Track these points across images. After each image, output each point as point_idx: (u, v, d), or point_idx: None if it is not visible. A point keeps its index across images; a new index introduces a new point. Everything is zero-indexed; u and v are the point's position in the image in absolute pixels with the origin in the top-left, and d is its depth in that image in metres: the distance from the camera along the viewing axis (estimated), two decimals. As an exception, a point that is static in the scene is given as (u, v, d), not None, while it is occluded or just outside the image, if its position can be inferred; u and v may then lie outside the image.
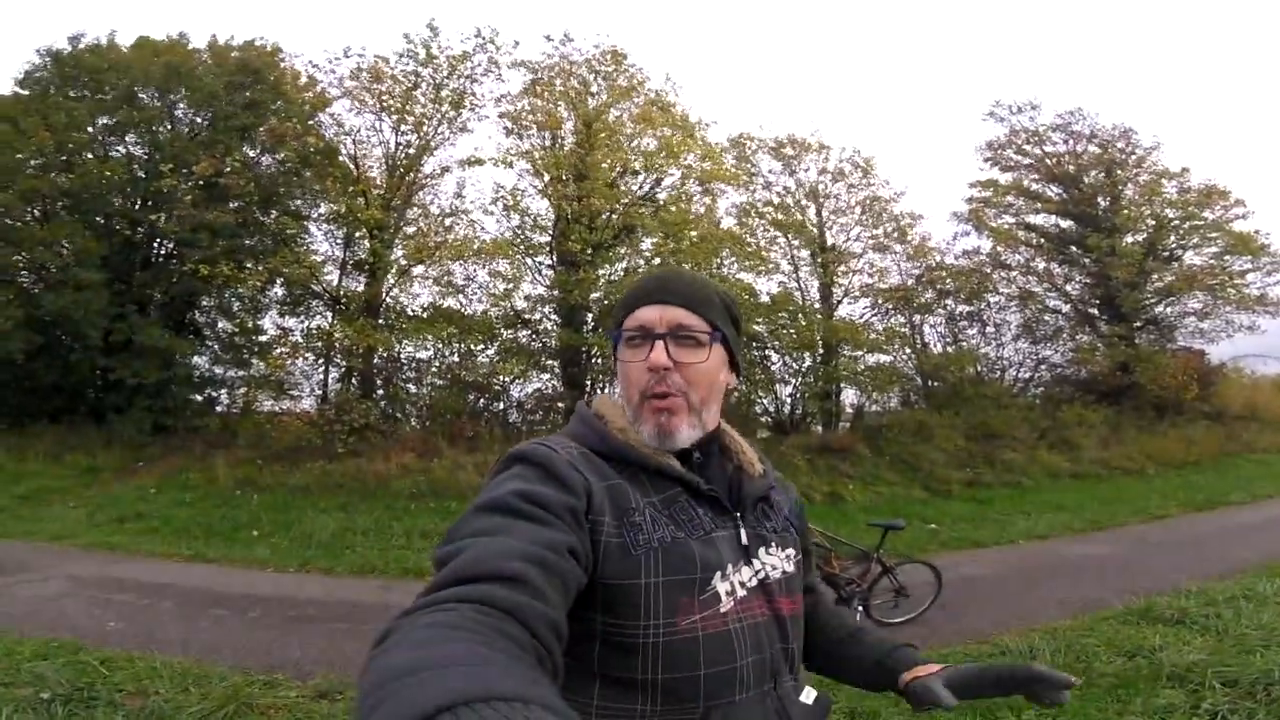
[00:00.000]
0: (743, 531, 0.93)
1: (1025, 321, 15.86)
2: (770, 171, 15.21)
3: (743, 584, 0.89)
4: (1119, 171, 15.69)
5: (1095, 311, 16.01)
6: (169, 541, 7.85)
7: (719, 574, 0.86)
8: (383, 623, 0.58)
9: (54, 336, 11.79)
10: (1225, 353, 16.65)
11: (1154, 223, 15.40)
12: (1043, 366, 16.26)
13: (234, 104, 13.19)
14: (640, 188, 13.85)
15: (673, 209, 13.22)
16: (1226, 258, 15.01)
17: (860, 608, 4.87)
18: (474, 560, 0.65)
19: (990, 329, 15.92)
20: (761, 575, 0.92)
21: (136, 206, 13.06)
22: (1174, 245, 15.52)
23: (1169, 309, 15.59)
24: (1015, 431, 12.94)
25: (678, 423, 0.92)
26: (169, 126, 13.48)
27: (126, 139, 13.46)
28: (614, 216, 12.81)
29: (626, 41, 36.19)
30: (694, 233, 12.83)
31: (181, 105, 13.59)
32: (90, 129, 12.97)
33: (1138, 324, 15.36)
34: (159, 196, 12.35)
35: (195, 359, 13.47)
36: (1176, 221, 15.36)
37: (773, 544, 0.96)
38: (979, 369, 15.67)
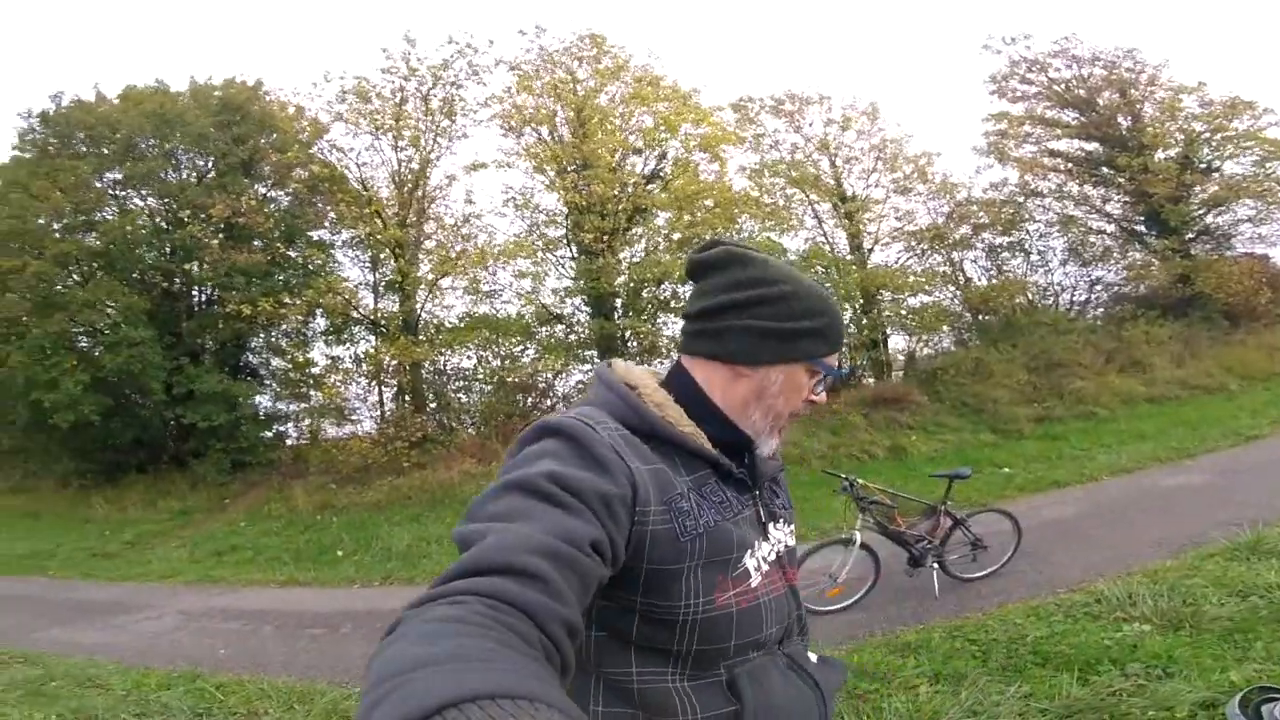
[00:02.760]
0: (760, 509, 0.96)
1: (1070, 244, 15.17)
2: (775, 130, 14.96)
3: (765, 559, 0.93)
4: (1132, 91, 14.93)
5: (1142, 229, 15.26)
6: (263, 569, 8.26)
7: (748, 552, 0.90)
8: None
9: (122, 395, 12.37)
10: None
11: (1183, 137, 14.57)
12: (1098, 287, 15.59)
13: (227, 142, 13.39)
14: (645, 166, 13.74)
15: (679, 181, 13.07)
16: (1268, 164, 14.10)
17: (936, 565, 4.59)
18: (490, 550, 0.63)
19: (1034, 256, 15.32)
20: (778, 549, 0.97)
21: (167, 257, 13.53)
22: (1209, 157, 14.66)
23: (1220, 219, 14.74)
24: (1080, 358, 12.26)
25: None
26: (175, 174, 13.80)
27: (140, 191, 13.81)
28: (622, 201, 12.72)
29: (605, 22, 35.72)
30: (708, 200, 12.64)
31: (179, 151, 13.85)
32: (98, 184, 13.34)
33: (1190, 236, 14.55)
34: (185, 244, 12.80)
35: (257, 398, 14.03)
36: (1207, 134, 14.48)
37: (780, 519, 1.01)
38: (1030, 297, 15.07)
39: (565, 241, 13.53)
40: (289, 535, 9.56)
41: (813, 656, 1.01)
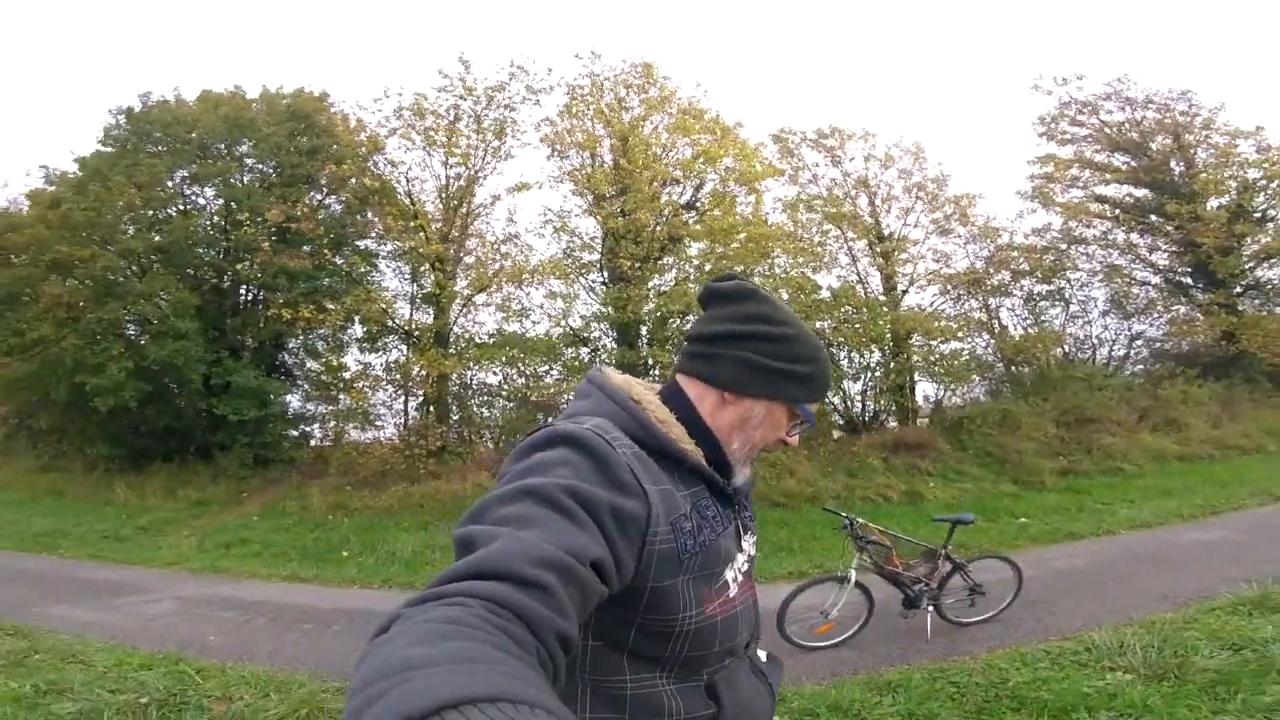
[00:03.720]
0: (739, 523, 1.01)
1: (1113, 295, 14.69)
2: (815, 164, 14.90)
3: (740, 570, 0.98)
4: (1186, 135, 14.49)
5: (1189, 280, 14.73)
6: (269, 564, 8.39)
7: (729, 565, 0.95)
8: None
9: (161, 384, 12.78)
10: None
11: (1236, 184, 14.10)
12: (1138, 342, 15.08)
13: (297, 152, 13.96)
14: (682, 196, 13.88)
15: (716, 212, 13.16)
16: None
17: (931, 608, 4.52)
18: (497, 555, 0.64)
19: (1074, 306, 14.86)
20: (747, 560, 1.02)
21: (222, 256, 14.06)
22: (1264, 206, 14.14)
23: (1270, 272, 14.18)
24: (1113, 414, 11.86)
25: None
26: (240, 177, 14.37)
27: (206, 191, 14.39)
28: (659, 229, 12.87)
29: (654, 49, 36.46)
30: (741, 234, 12.70)
31: (250, 156, 14.44)
32: (170, 183, 13.93)
33: (1237, 290, 14.02)
34: (239, 245, 13.30)
35: (288, 398, 14.36)
36: (1262, 181, 13.99)
37: (749, 531, 1.05)
38: (1066, 350, 14.65)
39: (599, 266, 13.71)
40: (299, 532, 9.71)
41: (762, 655, 1.07)
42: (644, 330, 13.24)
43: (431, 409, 13.46)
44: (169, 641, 5.20)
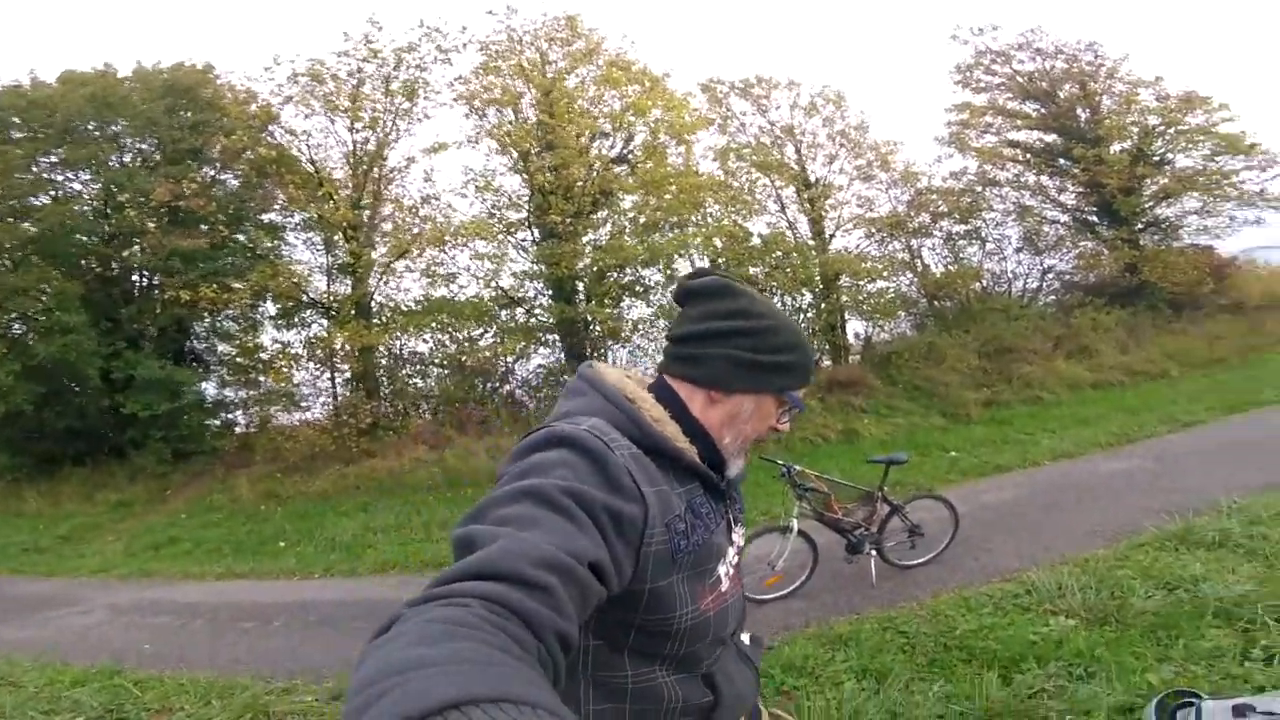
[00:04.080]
0: (730, 517, 1.03)
1: (1025, 234, 15.58)
2: (743, 113, 14.95)
3: (730, 564, 1.00)
4: (1092, 84, 15.25)
5: (1094, 219, 15.68)
6: (201, 562, 8.01)
7: (722, 560, 0.97)
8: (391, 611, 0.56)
9: (58, 383, 11.84)
10: (1234, 248, 16.35)
11: (1138, 130, 15.00)
12: (1049, 275, 16.01)
13: (179, 127, 12.90)
14: (611, 149, 13.53)
15: (648, 164, 12.91)
16: (1218, 159, 14.55)
17: (874, 552, 4.56)
18: (498, 556, 0.64)
19: (990, 245, 15.67)
20: (736, 552, 1.04)
21: (105, 243, 12.96)
22: (1162, 150, 15.07)
23: (1169, 210, 15.21)
24: (1030, 344, 12.57)
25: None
26: (118, 158, 13.23)
27: (80, 175, 13.22)
28: (588, 183, 12.51)
29: (578, 2, 35.10)
30: (674, 185, 12.53)
31: (126, 135, 13.28)
32: (34, 169, 12.71)
33: (1139, 227, 15.00)
34: (123, 228, 12.26)
35: (204, 385, 13.58)
36: (1161, 128, 14.90)
37: (739, 524, 1.07)
38: (984, 284, 15.38)
39: (526, 224, 13.27)
40: (230, 526, 9.27)
41: (745, 638, 1.10)
42: (580, 287, 13.00)
43: (360, 385, 12.95)
44: (103, 654, 4.91)
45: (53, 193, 12.98)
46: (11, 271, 11.93)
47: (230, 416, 14.07)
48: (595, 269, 12.81)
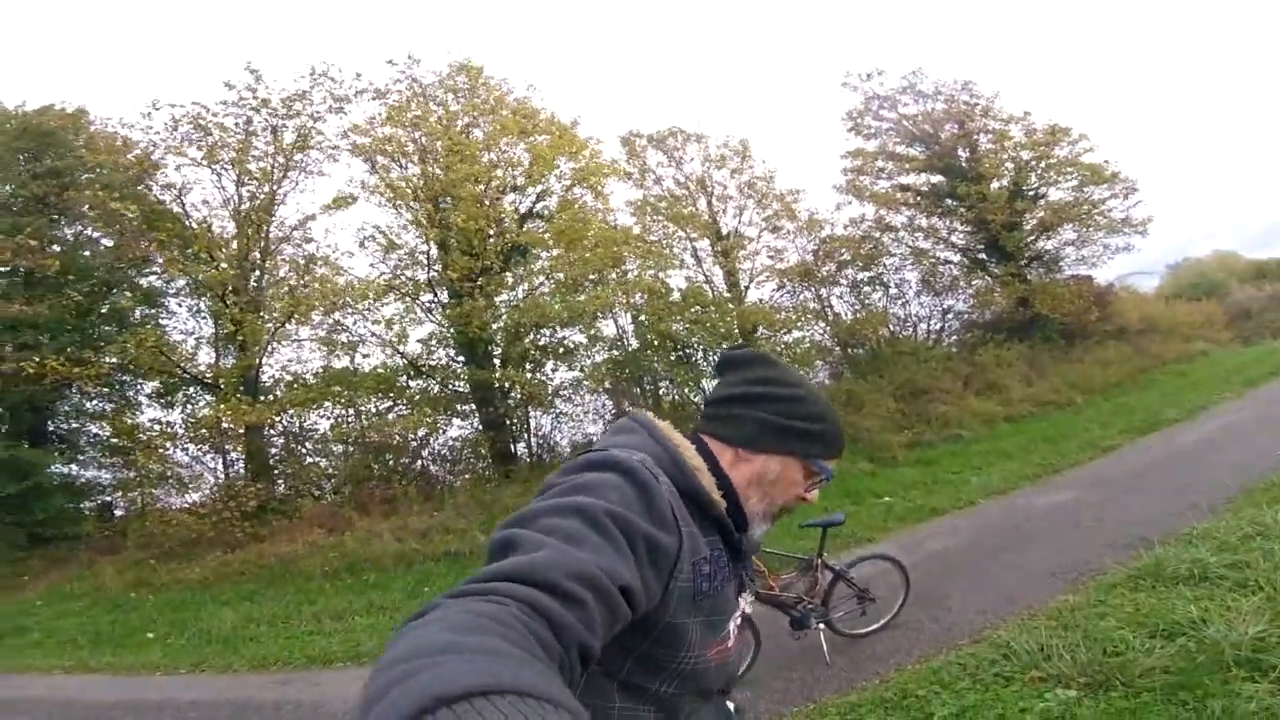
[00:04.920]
0: (742, 577, 1.06)
1: (923, 276, 16.25)
2: (658, 165, 15.11)
3: (736, 622, 1.03)
4: (969, 122, 16.23)
5: (984, 256, 16.56)
6: (51, 653, 7.26)
7: (732, 616, 1.01)
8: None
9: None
10: (1109, 275, 17.87)
11: (1013, 166, 15.99)
12: (949, 315, 16.76)
13: (31, 175, 11.59)
14: (523, 203, 13.18)
15: (563, 216, 12.60)
16: (1086, 189, 15.71)
17: (823, 625, 4.07)
18: (541, 563, 0.65)
19: (893, 289, 16.26)
20: (741, 615, 1.06)
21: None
22: (1036, 184, 16.11)
23: (1049, 243, 16.27)
24: (941, 384, 12.95)
25: None
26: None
27: None
28: (496, 239, 12.03)
29: (484, 54, 35.35)
30: (590, 235, 12.22)
31: None
32: None
33: (1024, 261, 15.91)
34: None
35: (70, 467, 12.54)
36: (1032, 162, 15.96)
37: (746, 589, 1.09)
38: (892, 329, 15.87)
39: (430, 285, 12.57)
40: (92, 616, 8.42)
41: (730, 705, 1.11)
42: (496, 350, 12.33)
43: (245, 466, 11.64)
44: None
45: None
46: None
47: (109, 499, 12.98)
48: (511, 329, 12.20)
